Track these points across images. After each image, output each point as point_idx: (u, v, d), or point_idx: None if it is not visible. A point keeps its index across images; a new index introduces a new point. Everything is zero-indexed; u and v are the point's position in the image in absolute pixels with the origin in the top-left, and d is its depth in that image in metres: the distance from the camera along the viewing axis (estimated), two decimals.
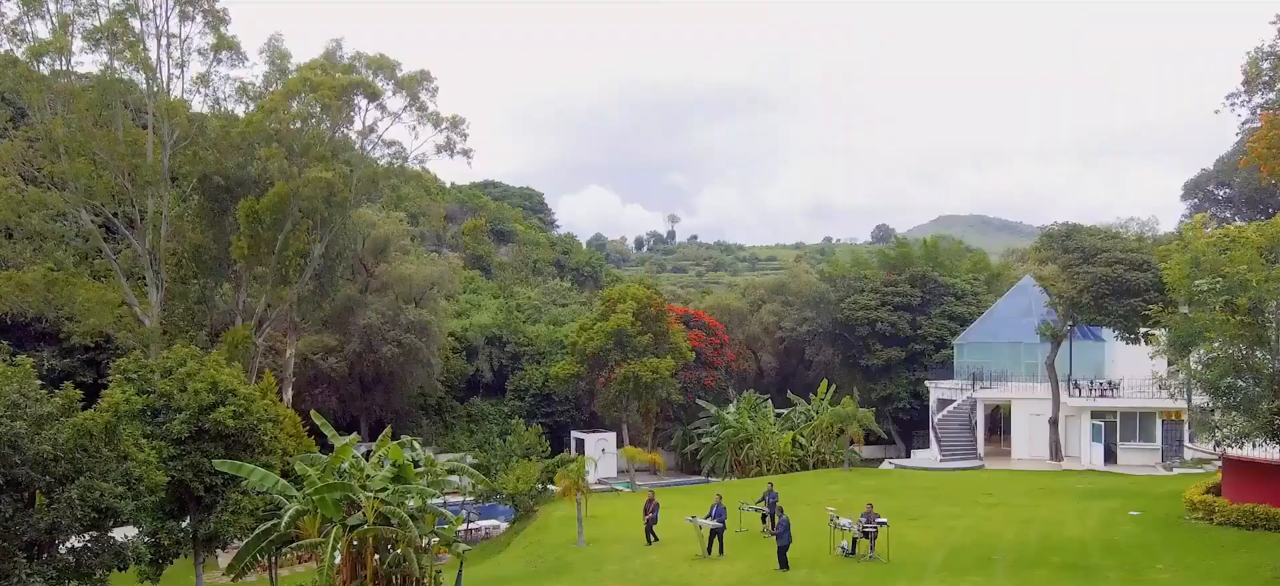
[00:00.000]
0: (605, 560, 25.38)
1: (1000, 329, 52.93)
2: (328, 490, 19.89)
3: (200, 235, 43.53)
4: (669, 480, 55.60)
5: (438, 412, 63.70)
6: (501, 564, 27.99)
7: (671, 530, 27.90)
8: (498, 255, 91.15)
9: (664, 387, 50.79)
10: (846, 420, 43.92)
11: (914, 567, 23.54)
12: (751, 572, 23.43)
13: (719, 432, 48.39)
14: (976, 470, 43.05)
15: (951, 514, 31.10)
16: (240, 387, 26.21)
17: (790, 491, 36.93)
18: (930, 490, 36.77)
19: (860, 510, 30.94)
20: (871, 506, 25.44)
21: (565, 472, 27.88)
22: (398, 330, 53.05)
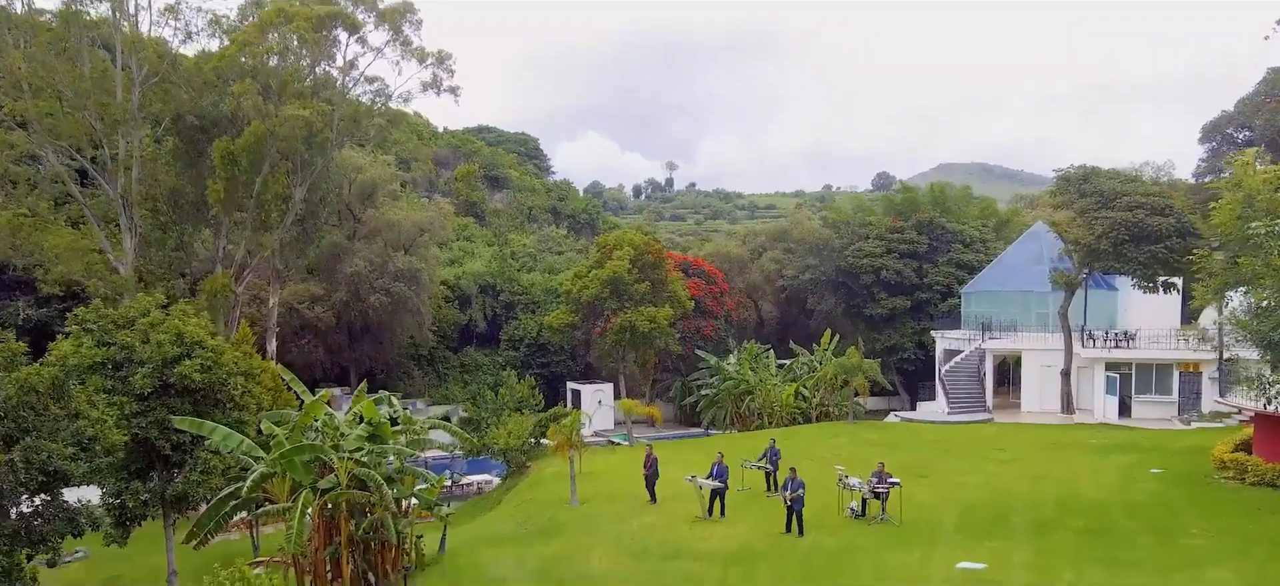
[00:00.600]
0: (600, 521, 23.93)
1: (1010, 277, 51.19)
2: (296, 452, 18.28)
3: (175, 178, 41.51)
4: (667, 433, 54.34)
5: (430, 363, 62.24)
6: (490, 524, 26.57)
7: (670, 488, 26.43)
8: (491, 202, 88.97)
9: (662, 338, 49.16)
10: (851, 371, 42.39)
11: (927, 530, 22.08)
12: (755, 535, 21.97)
13: (719, 384, 46.92)
14: (985, 423, 41.63)
15: (962, 470, 29.66)
16: (208, 338, 24.49)
17: (793, 445, 35.50)
18: (938, 444, 35.34)
19: (869, 468, 29.54)
20: (883, 465, 23.92)
21: (558, 428, 26.29)
22: (386, 278, 51.26)
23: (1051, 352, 44.33)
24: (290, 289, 51.33)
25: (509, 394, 36.97)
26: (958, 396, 44.79)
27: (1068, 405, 43.33)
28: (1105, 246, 39.08)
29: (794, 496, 21.39)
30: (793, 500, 21.39)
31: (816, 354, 48.80)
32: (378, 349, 55.31)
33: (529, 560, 20.72)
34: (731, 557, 20.26)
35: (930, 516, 23.43)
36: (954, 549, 20.31)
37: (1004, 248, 58.60)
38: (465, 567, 20.52)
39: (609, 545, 21.53)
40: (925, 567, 19.06)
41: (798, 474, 21.80)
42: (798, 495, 21.38)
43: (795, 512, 21.54)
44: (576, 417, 26.50)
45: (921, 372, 57.07)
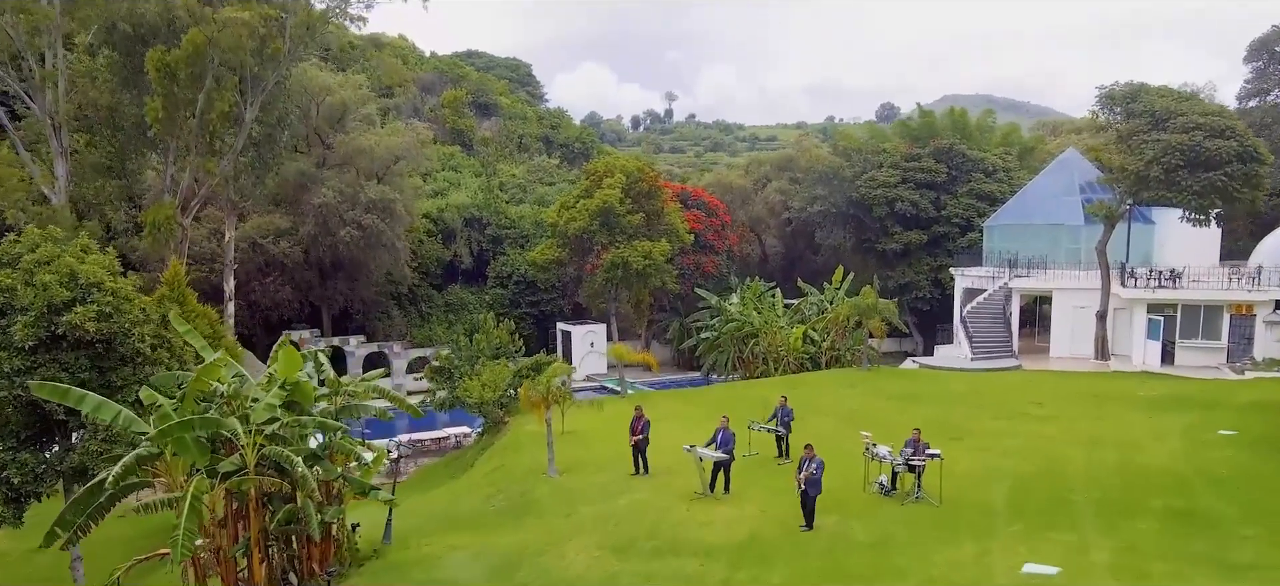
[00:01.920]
0: (580, 498, 20.11)
1: (1037, 209, 46.88)
2: (183, 427, 14.28)
3: (111, 96, 36.94)
4: (665, 378, 50.62)
5: (412, 302, 58.28)
6: (454, 496, 22.81)
7: (665, 455, 22.61)
8: (480, 130, 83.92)
9: (658, 275, 45.01)
10: (867, 312, 38.38)
11: (974, 514, 18.25)
12: (763, 520, 18.15)
13: (720, 326, 42.95)
14: (1013, 371, 37.78)
15: (1000, 430, 25.83)
16: (109, 279, 20.37)
17: (801, 398, 31.63)
18: (966, 396, 31.50)
19: (889, 426, 25.70)
20: (918, 433, 19.99)
21: (533, 386, 22.33)
22: (357, 210, 46.93)
23: (1086, 292, 40.30)
24: (253, 222, 47.14)
25: (485, 340, 32.98)
26: (981, 340, 40.89)
27: (1102, 350, 39.46)
28: (1156, 173, 34.78)
29: (808, 478, 17.46)
30: (806, 483, 17.47)
31: (827, 293, 44.75)
32: (352, 287, 51.25)
33: (490, 552, 16.92)
34: (738, 552, 16.45)
35: (974, 494, 19.59)
36: (1013, 542, 16.47)
37: (1029, 177, 54.17)
38: (411, 563, 16.75)
39: (589, 532, 17.71)
40: (983, 569, 15.24)
41: (815, 451, 17.81)
42: (813, 476, 17.45)
43: (809, 499, 17.62)
44: (554, 372, 22.49)
45: (938, 313, 53.13)
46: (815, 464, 17.56)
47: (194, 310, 27.12)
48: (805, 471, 17.55)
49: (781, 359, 40.48)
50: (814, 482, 17.48)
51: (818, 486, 17.57)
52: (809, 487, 17.50)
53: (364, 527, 18.61)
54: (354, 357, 48.15)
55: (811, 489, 17.52)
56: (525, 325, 58.70)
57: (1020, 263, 43.92)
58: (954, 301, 47.97)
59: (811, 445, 17.94)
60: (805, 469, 17.59)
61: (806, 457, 17.73)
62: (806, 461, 17.66)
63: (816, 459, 17.65)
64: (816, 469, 17.51)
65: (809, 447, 17.86)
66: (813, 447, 17.88)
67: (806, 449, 17.87)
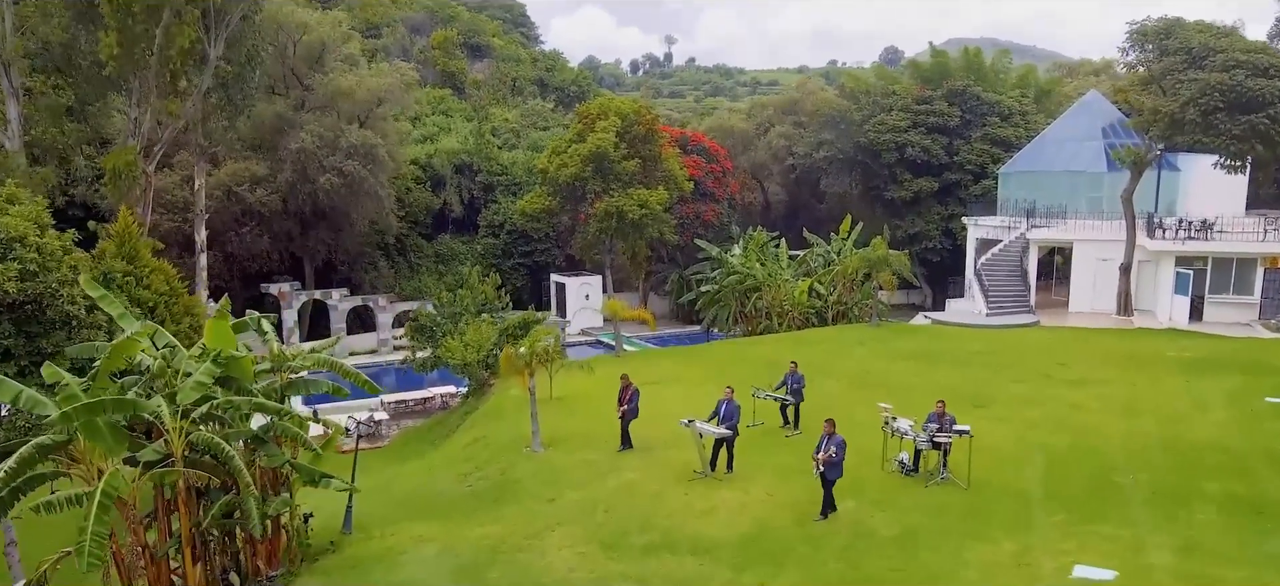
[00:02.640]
0: (565, 478, 18.05)
1: (1057, 155, 44.38)
2: (93, 410, 12.11)
3: (65, 33, 34.19)
4: (664, 334, 48.51)
5: (400, 253, 55.89)
6: (428, 473, 20.77)
7: (660, 425, 20.53)
8: (472, 72, 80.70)
9: (655, 225, 42.61)
10: (877, 265, 36.08)
11: (1008, 499, 16.21)
12: (771, 508, 16.09)
13: (721, 279, 40.71)
14: (1031, 327, 35.66)
15: (1025, 397, 23.74)
16: (33, 234, 18.06)
17: (809, 357, 29.52)
18: (984, 356, 29.39)
19: (902, 389, 23.65)
20: (943, 405, 17.87)
21: (515, 352, 20.12)
22: (338, 156, 44.30)
23: (1108, 244, 37.98)
24: (228, 168, 44.59)
25: (470, 295, 30.73)
26: (998, 294, 38.68)
27: (1125, 306, 37.28)
28: (1192, 116, 32.21)
29: (826, 460, 15.36)
30: (825, 466, 15.38)
31: (834, 243, 42.43)
32: (335, 237, 48.80)
33: (460, 546, 14.88)
34: (742, 549, 14.41)
35: (1005, 474, 17.54)
36: (1056, 536, 14.44)
37: (1046, 122, 51.51)
38: (370, 559, 14.72)
39: (573, 522, 15.66)
40: (1027, 572, 13.21)
41: (836, 428, 15.67)
42: (833, 458, 15.35)
43: (828, 484, 15.55)
44: (537, 337, 20.27)
45: (948, 265, 50.85)
46: (836, 444, 15.44)
47: (149, 266, 24.80)
48: (824, 452, 15.44)
49: (786, 314, 38.33)
50: (834, 465, 15.38)
51: (838, 470, 15.49)
52: (828, 471, 15.42)
53: (322, 514, 16.59)
54: (337, 311, 45.99)
55: (831, 472, 15.44)
56: (518, 276, 56.51)
57: (1038, 212, 41.56)
58: (966, 253, 45.73)
59: (833, 421, 15.80)
60: (824, 449, 15.48)
61: (826, 436, 15.60)
62: (826, 440, 15.55)
63: (837, 437, 15.53)
64: (838, 450, 15.40)
65: (830, 423, 15.72)
66: (834, 424, 15.74)
67: (827, 424, 15.73)
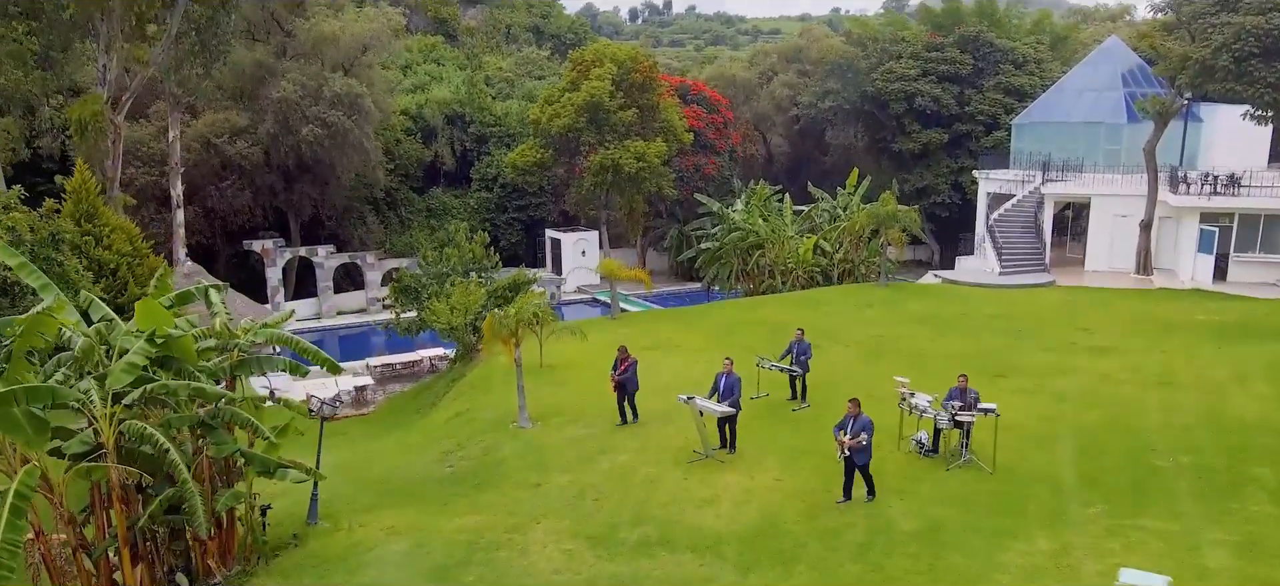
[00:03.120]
0: (553, 459, 16.55)
1: (1074, 105, 42.30)
2: (6, 399, 10.51)
3: None
4: (662, 292, 46.85)
5: (390, 207, 54.02)
6: (404, 451, 19.26)
7: (656, 399, 19.02)
8: (465, 19, 77.98)
9: (653, 180, 40.74)
10: (885, 221, 34.32)
11: (1040, 486, 14.72)
12: (780, 495, 14.60)
13: (723, 235, 38.98)
14: (1047, 287, 34.04)
15: (1048, 366, 22.18)
16: None
17: (815, 320, 28.00)
18: (1000, 320, 27.81)
19: (914, 355, 22.10)
20: (966, 380, 16.30)
21: (500, 320, 18.47)
22: (321, 105, 42.26)
23: (1128, 199, 36.17)
24: (206, 119, 42.58)
25: (457, 254, 29.02)
26: (1011, 252, 36.99)
27: (1144, 264, 35.60)
28: (1224, 62, 30.25)
29: (854, 444, 13.84)
30: (852, 450, 13.86)
31: (840, 198, 40.61)
32: (322, 191, 46.92)
33: (434, 541, 13.41)
34: (748, 545, 12.94)
35: (1034, 456, 16.04)
36: (1097, 533, 12.95)
37: (1062, 70, 49.29)
38: (334, 556, 13.26)
39: (561, 513, 14.17)
40: (1068, 576, 11.74)
41: (862, 410, 14.10)
42: (860, 443, 13.82)
43: (859, 469, 14.08)
44: (524, 304, 18.61)
45: (958, 220, 49.07)
46: (863, 425, 13.90)
47: (109, 224, 23.11)
48: (851, 435, 13.90)
49: (790, 272, 36.67)
50: (862, 450, 13.87)
51: (867, 454, 13.98)
52: (856, 456, 13.91)
53: (289, 500, 15.11)
54: (323, 270, 44.30)
55: (859, 457, 13.93)
56: (512, 232, 54.77)
57: (1053, 165, 39.66)
58: (976, 208, 43.92)
59: (858, 401, 14.23)
60: (850, 431, 13.94)
61: (851, 416, 14.05)
62: (851, 421, 14.01)
63: (864, 418, 13.98)
64: (867, 433, 13.87)
65: (855, 404, 14.15)
66: (859, 404, 14.17)
67: (852, 405, 14.16)
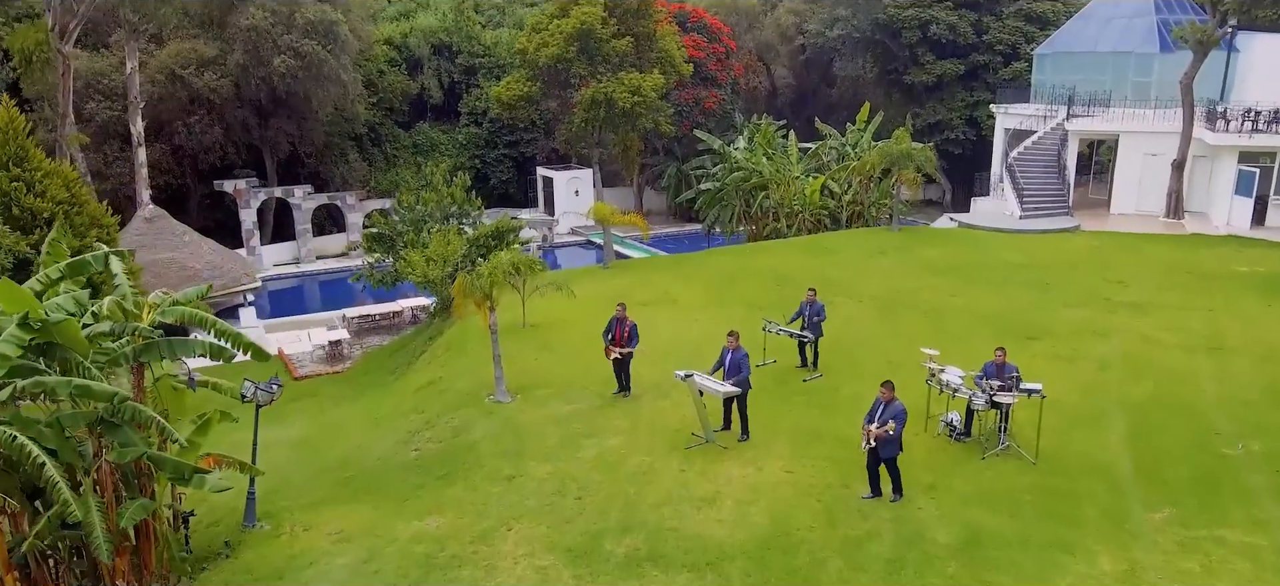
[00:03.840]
0: (531, 444, 14.50)
1: (1102, 33, 39.39)
2: None
3: None
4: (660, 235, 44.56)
5: (374, 143, 51.30)
6: (368, 428, 17.21)
7: (651, 368, 16.97)
8: None
9: (649, 115, 38.05)
10: (899, 160, 31.87)
11: (1091, 478, 12.74)
12: (792, 491, 12.60)
13: (724, 176, 36.51)
14: (1072, 232, 31.78)
15: (1084, 325, 20.08)
16: None
17: (823, 270, 25.85)
18: (1026, 271, 25.63)
19: (937, 312, 19.97)
20: (1004, 355, 14.18)
21: (472, 280, 16.24)
22: (293, 33, 39.34)
23: (1160, 136, 33.68)
24: (171, 50, 39.68)
25: (435, 198, 26.64)
26: (1032, 193, 34.62)
27: (1175, 207, 33.28)
28: None
29: (881, 435, 11.81)
30: (879, 441, 11.84)
31: (850, 135, 38.03)
32: (299, 127, 44.17)
33: (387, 553, 11.44)
34: (755, 561, 10.97)
35: (1081, 440, 14.04)
36: (1168, 544, 10.98)
37: None
38: (268, 574, 11.27)
39: (537, 515, 12.19)
40: None
41: (895, 396, 12.03)
42: (887, 432, 11.78)
43: (885, 462, 12.07)
44: (498, 263, 16.35)
45: (973, 158, 46.46)
46: (896, 414, 11.85)
47: (41, 169, 20.71)
48: (880, 423, 11.85)
49: (795, 215, 34.32)
50: (890, 441, 11.85)
51: (896, 445, 11.97)
52: (882, 447, 11.89)
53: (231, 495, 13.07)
54: (301, 211, 41.88)
55: (886, 449, 11.92)
56: (502, 169, 52.21)
57: (1078, 99, 37.02)
58: (993, 145, 41.39)
59: (892, 384, 12.14)
60: (880, 420, 11.90)
61: (883, 403, 11.99)
62: (881, 407, 11.97)
63: (897, 405, 11.94)
64: (898, 421, 11.83)
65: (888, 388, 12.07)
66: (892, 389, 12.09)
67: (885, 389, 12.09)
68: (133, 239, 31.23)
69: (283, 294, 39.74)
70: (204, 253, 31.77)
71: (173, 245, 31.40)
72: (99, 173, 38.32)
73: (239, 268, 33.02)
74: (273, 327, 31.47)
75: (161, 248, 31.16)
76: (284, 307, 36.81)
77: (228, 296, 31.96)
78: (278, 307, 37.43)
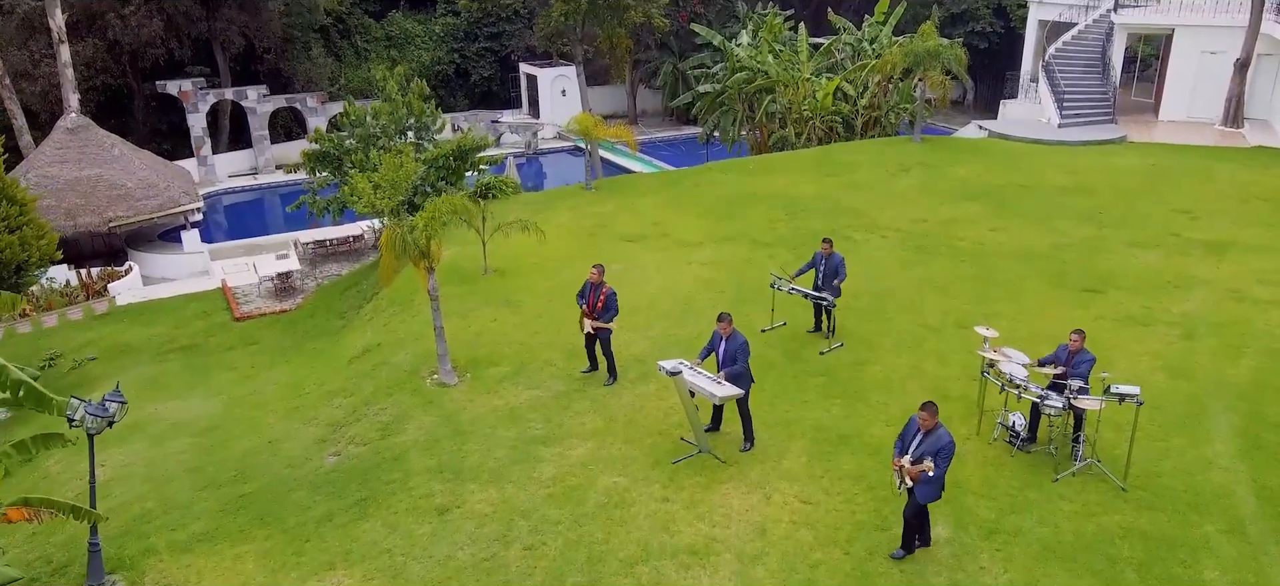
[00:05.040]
0: (474, 455, 11.36)
1: None
2: None
3: None
4: (653, 140, 40.69)
5: (343, 35, 46.72)
6: (287, 413, 13.97)
7: (634, 334, 13.77)
8: None
9: (639, 6, 33.66)
10: (925, 60, 27.86)
11: (1204, 513, 9.68)
12: (812, 537, 9.53)
13: (725, 76, 32.43)
14: (1118, 144, 28.08)
15: (1153, 272, 16.77)
16: None
17: (840, 194, 22.48)
18: (1072, 195, 22.13)
19: (983, 260, 16.66)
20: (1082, 339, 10.88)
21: (402, 229, 12.77)
22: None
23: (1221, 32, 29.61)
24: None
25: (388, 110, 22.83)
26: (1073, 98, 30.71)
27: (1234, 115, 29.47)
28: None
29: (916, 474, 8.64)
30: (915, 484, 8.69)
31: (867, 28, 33.75)
32: (254, 18, 39.67)
33: None
34: None
35: (1181, 452, 10.93)
36: None
37: None
38: None
39: (469, 570, 9.13)
40: None
41: (938, 422, 8.78)
42: (925, 472, 8.60)
43: (916, 508, 8.91)
44: (438, 210, 12.86)
45: (1000, 53, 42.10)
46: (939, 445, 8.64)
47: None
48: (918, 456, 8.69)
49: (805, 123, 30.49)
50: (929, 483, 8.69)
51: (937, 488, 8.81)
52: (921, 491, 8.74)
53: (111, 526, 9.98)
54: (256, 116, 37.84)
55: (923, 491, 8.75)
56: (484, 65, 47.69)
57: None
58: (1024, 40, 37.09)
59: (934, 406, 8.85)
60: (915, 452, 8.73)
61: (921, 432, 8.77)
62: (919, 437, 8.77)
63: (940, 433, 8.69)
64: (942, 459, 8.63)
65: (929, 413, 8.75)
66: (936, 413, 8.80)
67: (924, 414, 8.75)
68: (51, 153, 27.59)
69: (239, 209, 36.23)
70: (136, 168, 28.09)
71: (100, 160, 27.69)
72: (26, 73, 34.27)
73: (179, 184, 29.37)
74: (219, 253, 28.15)
75: (87, 163, 27.47)
76: (241, 226, 33.40)
77: (167, 219, 28.50)
78: (235, 225, 34.04)
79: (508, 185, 24.10)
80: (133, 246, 28.42)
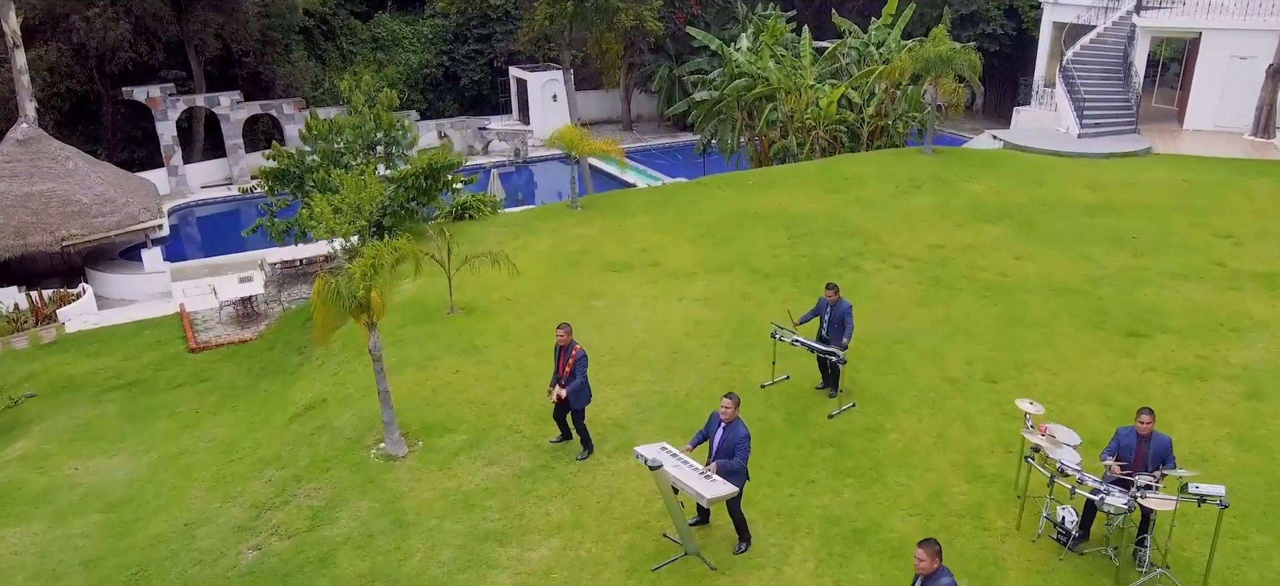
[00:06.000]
0: (414, 558, 9.50)
1: None
2: None
3: None
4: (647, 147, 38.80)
5: (327, 37, 44.90)
6: (216, 483, 12.04)
7: (612, 390, 11.92)
8: None
9: (630, 10, 31.77)
10: (937, 66, 25.95)
11: None
12: None
13: (723, 83, 30.54)
14: (1144, 156, 26.20)
15: (1201, 310, 14.88)
16: None
17: (845, 215, 20.60)
18: (1101, 215, 20.25)
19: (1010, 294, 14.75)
20: (1151, 420, 9.02)
21: (339, 280, 10.78)
22: None
23: (1253, 35, 27.73)
24: None
25: (353, 123, 20.94)
26: (1094, 105, 28.81)
27: (1266, 124, 27.62)
28: None
29: None
30: None
31: (874, 32, 31.83)
32: (229, 19, 37.76)
33: None
34: None
35: (1264, 559, 9.06)
36: None
37: None
38: None
39: None
40: None
41: (941, 563, 6.87)
42: None
43: None
44: (378, 256, 10.93)
45: (1013, 57, 40.21)
46: None
47: None
48: None
49: (808, 132, 28.62)
50: None
51: None
52: None
53: None
54: (230, 123, 35.95)
55: None
56: (473, 68, 45.81)
57: None
58: (1038, 43, 35.22)
59: (937, 548, 6.89)
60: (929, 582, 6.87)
61: (922, 576, 6.86)
62: None
63: (943, 579, 6.81)
64: None
65: (930, 552, 6.80)
66: (937, 553, 6.83)
67: (924, 552, 6.82)
68: (0, 167, 25.72)
69: (214, 221, 34.37)
70: (92, 183, 26.22)
71: (53, 174, 25.83)
72: None
73: (140, 199, 27.48)
74: (182, 274, 26.31)
75: (38, 177, 25.61)
76: (215, 238, 31.57)
77: (126, 237, 26.66)
78: (208, 238, 32.24)
79: (487, 203, 22.31)
80: (92, 265, 26.59)
